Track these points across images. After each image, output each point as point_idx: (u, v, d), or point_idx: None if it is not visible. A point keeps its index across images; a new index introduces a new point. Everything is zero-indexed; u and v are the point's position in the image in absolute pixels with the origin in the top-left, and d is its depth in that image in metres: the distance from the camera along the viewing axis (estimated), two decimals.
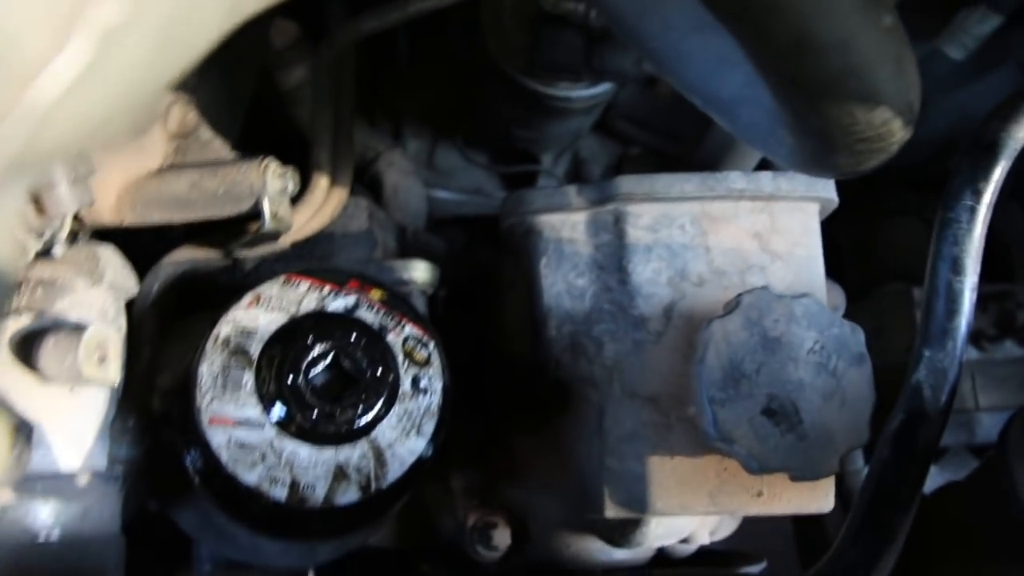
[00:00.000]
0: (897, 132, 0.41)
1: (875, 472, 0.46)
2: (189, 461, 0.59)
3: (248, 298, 0.57)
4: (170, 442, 0.65)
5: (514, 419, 0.77)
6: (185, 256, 0.66)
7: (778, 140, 0.49)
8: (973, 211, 0.51)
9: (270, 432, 0.54)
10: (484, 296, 0.87)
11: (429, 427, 0.57)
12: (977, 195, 0.51)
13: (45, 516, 0.48)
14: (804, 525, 1.19)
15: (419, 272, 0.72)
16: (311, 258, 0.69)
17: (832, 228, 0.71)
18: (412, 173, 0.97)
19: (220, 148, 0.59)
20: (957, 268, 0.51)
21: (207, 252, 0.66)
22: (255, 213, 0.59)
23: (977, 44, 0.95)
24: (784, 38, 0.35)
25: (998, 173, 0.51)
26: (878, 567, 0.43)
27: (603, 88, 0.97)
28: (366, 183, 0.92)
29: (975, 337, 1.02)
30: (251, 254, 0.65)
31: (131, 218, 0.59)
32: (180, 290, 0.69)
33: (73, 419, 0.50)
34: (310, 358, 0.55)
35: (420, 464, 0.57)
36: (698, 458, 0.64)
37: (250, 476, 0.53)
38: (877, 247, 1.11)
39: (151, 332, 0.63)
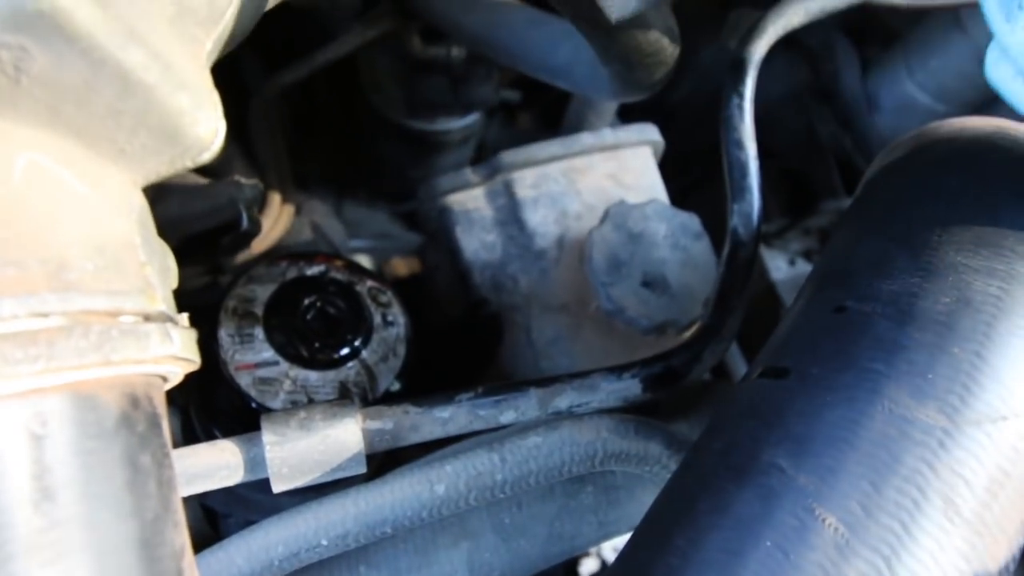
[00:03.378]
0: (667, 47, 0.64)
1: (719, 279, 0.67)
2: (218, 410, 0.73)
3: (243, 279, 0.73)
4: (190, 431, 0.79)
5: (461, 372, 0.95)
6: None
7: (600, 80, 0.71)
8: (740, 107, 0.75)
9: (284, 366, 0.69)
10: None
11: (402, 350, 0.75)
12: (740, 96, 0.75)
13: None
14: None
15: (363, 263, 0.90)
16: None
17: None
18: (331, 215, 1.16)
19: (191, 172, 0.77)
20: (739, 145, 0.74)
21: (190, 271, 0.82)
22: (234, 220, 0.76)
23: None
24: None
25: (750, 79, 0.75)
26: (727, 327, 0.63)
27: (473, 118, 1.19)
28: None
29: (807, 254, 1.28)
30: (230, 262, 0.82)
31: None
32: None
33: None
34: (302, 308, 0.72)
35: (400, 377, 0.74)
36: (608, 342, 0.83)
37: (275, 402, 0.68)
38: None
39: None
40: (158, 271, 0.36)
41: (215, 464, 0.53)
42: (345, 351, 0.72)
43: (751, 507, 0.41)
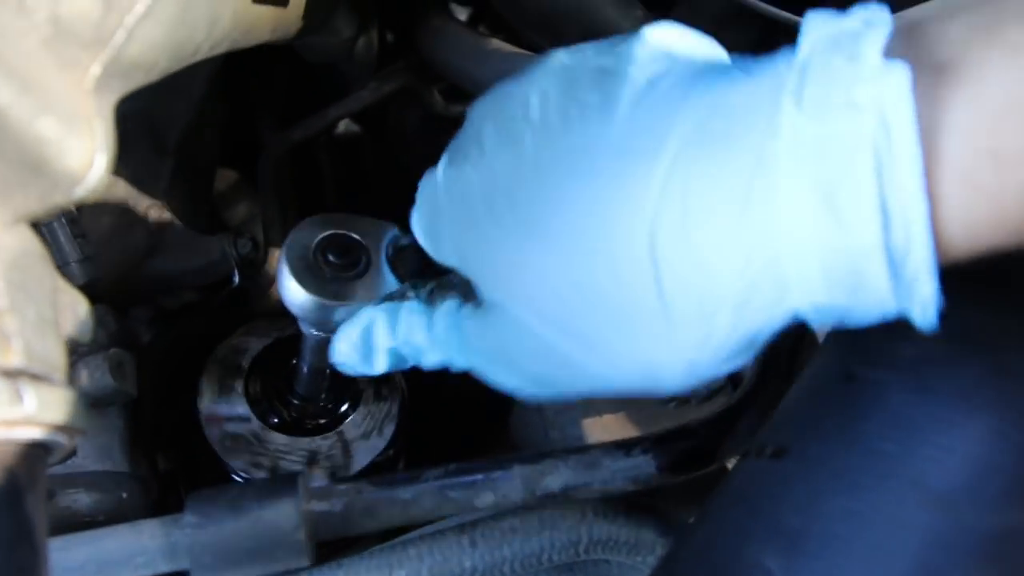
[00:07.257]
0: None
1: None
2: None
3: (241, 330, 0.70)
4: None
5: (468, 450, 0.88)
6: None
7: None
8: None
9: (255, 424, 0.65)
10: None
11: (389, 430, 0.68)
12: None
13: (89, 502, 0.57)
14: None
15: None
16: None
17: None
18: None
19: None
20: None
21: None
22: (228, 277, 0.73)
23: None
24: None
25: None
26: (769, 394, 0.53)
27: None
28: None
29: None
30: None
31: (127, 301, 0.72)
32: None
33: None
34: (289, 367, 0.67)
35: (381, 459, 0.67)
36: (626, 413, 0.76)
37: (238, 462, 0.63)
38: None
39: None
40: (32, 322, 0.32)
41: (132, 550, 0.47)
42: (323, 420, 0.67)
43: None
